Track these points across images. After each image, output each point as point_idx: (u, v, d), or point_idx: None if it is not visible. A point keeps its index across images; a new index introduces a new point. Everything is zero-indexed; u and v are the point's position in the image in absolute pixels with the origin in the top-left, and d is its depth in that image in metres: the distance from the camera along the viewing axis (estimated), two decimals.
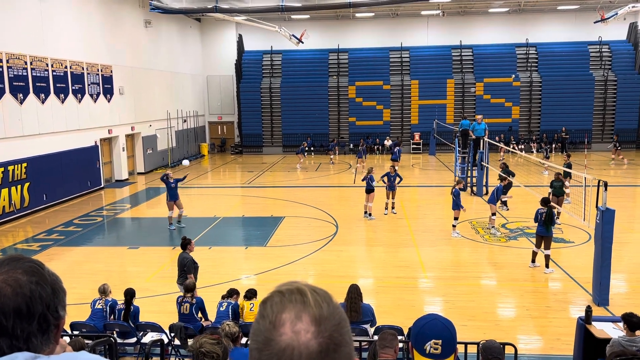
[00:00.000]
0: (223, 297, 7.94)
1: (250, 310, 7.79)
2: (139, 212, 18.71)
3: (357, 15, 33.59)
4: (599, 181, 9.16)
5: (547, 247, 10.97)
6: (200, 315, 7.82)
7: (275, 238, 14.19)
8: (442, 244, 13.44)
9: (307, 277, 11.50)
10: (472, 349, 6.60)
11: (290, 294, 0.95)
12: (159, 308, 9.53)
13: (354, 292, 7.11)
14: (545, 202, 11.25)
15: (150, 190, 22.39)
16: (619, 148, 27.24)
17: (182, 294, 8.14)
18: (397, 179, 16.22)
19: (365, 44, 34.58)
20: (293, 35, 27.69)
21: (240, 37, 34.92)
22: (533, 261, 11.37)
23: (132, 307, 7.69)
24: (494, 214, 14.15)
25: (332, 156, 29.47)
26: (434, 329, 2.06)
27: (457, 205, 13.80)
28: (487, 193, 18.75)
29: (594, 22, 29.12)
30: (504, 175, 16.02)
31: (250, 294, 7.93)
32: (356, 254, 13.03)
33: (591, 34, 32.45)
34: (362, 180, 16.28)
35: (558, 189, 15.06)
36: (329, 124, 33.93)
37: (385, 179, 16.17)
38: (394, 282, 10.87)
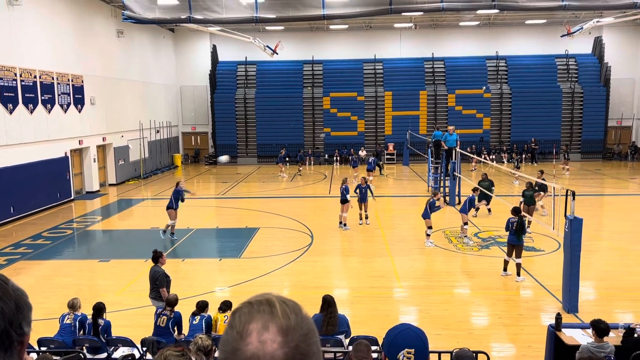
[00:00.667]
0: (194, 314, 7.73)
1: (225, 322, 7.70)
2: (110, 225, 18.37)
3: (331, 27, 33.90)
4: (567, 191, 9.39)
5: (518, 256, 11.17)
6: (175, 329, 7.70)
7: (250, 249, 14.10)
8: (416, 253, 13.55)
9: (282, 289, 11.45)
10: (446, 358, 6.65)
11: (258, 305, 0.96)
12: (131, 322, 9.35)
13: (333, 305, 7.05)
14: (516, 211, 11.47)
15: (122, 202, 22.03)
16: (568, 159, 28.25)
17: (154, 308, 8.00)
18: (369, 191, 16.32)
19: (339, 55, 34.89)
20: (267, 47, 27.75)
21: (214, 48, 34.84)
22: (505, 270, 11.55)
23: (102, 321, 7.52)
24: (465, 224, 14.35)
25: (300, 167, 29.43)
26: (407, 339, 2.08)
27: (427, 214, 13.97)
28: (459, 203, 19.01)
29: (561, 36, 29.98)
30: (483, 190, 16.31)
31: (225, 307, 7.83)
32: (331, 265, 13.03)
33: (558, 47, 33.43)
34: (355, 190, 16.30)
35: (529, 198, 15.37)
36: (303, 135, 34.01)
37: (357, 190, 16.26)
38: (369, 292, 10.90)
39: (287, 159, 29.38)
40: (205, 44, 34.89)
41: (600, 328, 6.14)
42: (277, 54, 28.40)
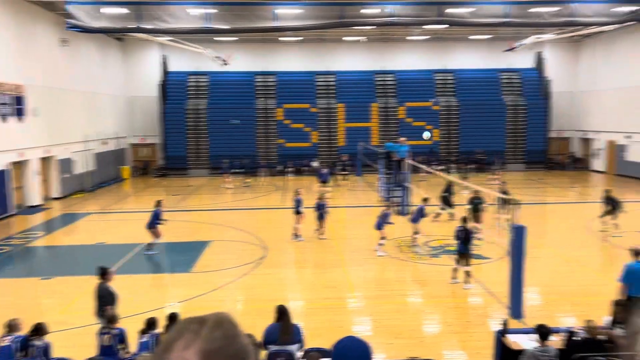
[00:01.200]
0: (143, 332, 7.47)
1: None
2: (53, 240, 17.60)
3: (284, 39, 34.03)
4: (510, 200, 9.73)
5: (467, 264, 11.46)
6: (122, 346, 7.42)
7: (201, 263, 13.83)
8: (370, 263, 13.67)
9: (235, 303, 11.28)
10: None
11: (189, 323, 0.96)
12: (76, 342, 8.97)
13: (287, 314, 7.08)
14: (463, 220, 11.78)
15: (67, 217, 21.18)
16: (499, 169, 29.60)
17: (101, 326, 7.69)
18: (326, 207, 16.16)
19: (292, 67, 35.03)
20: (219, 57, 27.55)
21: (164, 58, 34.24)
22: (454, 278, 11.82)
23: (41, 342, 7.16)
24: (417, 233, 14.61)
25: (247, 180, 29.24)
26: (353, 351, 2.08)
27: (379, 226, 14.18)
28: (409, 212, 19.35)
29: (504, 51, 31.24)
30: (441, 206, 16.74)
31: (171, 322, 7.55)
32: (285, 277, 12.95)
33: (502, 62, 34.80)
34: (317, 209, 16.04)
35: (476, 206, 15.86)
36: (256, 146, 33.84)
37: (316, 209, 15.99)
38: (323, 304, 10.90)
39: (236, 170, 29.12)
40: (155, 54, 34.26)
41: (542, 332, 6.37)
42: (229, 64, 28.25)
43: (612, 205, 16.49)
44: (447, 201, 17.89)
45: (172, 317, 7.58)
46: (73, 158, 26.21)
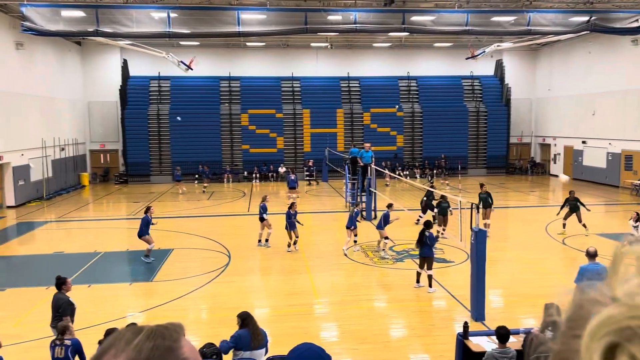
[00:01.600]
0: (100, 342, 7.25)
1: None
2: (7, 250, 16.92)
3: (248, 44, 33.86)
4: (472, 204, 9.90)
5: (430, 268, 11.58)
6: (77, 359, 7.16)
7: (163, 272, 13.54)
8: (335, 268, 13.66)
9: (199, 312, 11.08)
10: None
11: (125, 332, 0.94)
12: (29, 356, 8.63)
13: (252, 318, 7.08)
14: (427, 225, 11.91)
15: (22, 225, 20.42)
16: (447, 174, 31.06)
17: (53, 338, 7.41)
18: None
19: (257, 72, 34.87)
20: (182, 62, 27.18)
21: (125, 62, 33.55)
22: (418, 281, 11.92)
23: None
24: (386, 238, 14.70)
25: (205, 184, 28.94)
26: (308, 359, 2.04)
27: (351, 224, 14.85)
28: (375, 217, 19.48)
29: (466, 59, 31.94)
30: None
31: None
32: (250, 284, 12.80)
33: (464, 69, 35.55)
34: (290, 218, 15.55)
35: (444, 210, 16.09)
36: (221, 152, 33.48)
37: (287, 218, 15.36)
38: (288, 310, 10.81)
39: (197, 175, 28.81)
40: (115, 58, 33.54)
41: (500, 334, 6.47)
42: (192, 69, 27.91)
43: (575, 207, 17.00)
44: (430, 207, 18.19)
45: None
46: (29, 165, 25.33)
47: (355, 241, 15.28)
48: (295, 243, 15.44)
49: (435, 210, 17.13)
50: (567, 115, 32.88)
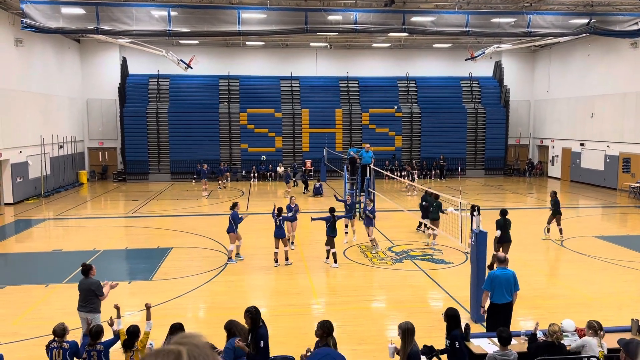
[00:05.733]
0: (125, 344, 7.14)
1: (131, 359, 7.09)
2: (5, 247, 16.87)
3: (248, 43, 33.84)
4: (472, 206, 9.91)
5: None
6: None
7: (162, 271, 13.52)
8: (334, 269, 13.66)
9: (197, 311, 11.07)
10: None
11: (165, 357, 0.88)
12: (29, 353, 8.61)
13: (237, 324, 6.99)
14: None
15: (20, 223, 20.37)
16: (413, 179, 30.76)
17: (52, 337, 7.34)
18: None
19: (256, 71, 34.86)
20: (181, 60, 27.13)
21: (124, 60, 33.49)
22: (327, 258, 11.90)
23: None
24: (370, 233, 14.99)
25: (220, 182, 29.00)
26: None
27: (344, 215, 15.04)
28: (374, 218, 19.46)
29: (465, 60, 31.97)
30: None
31: (129, 341, 7.13)
32: (248, 284, 12.80)
33: (463, 70, 35.63)
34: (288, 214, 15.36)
35: (434, 213, 15.91)
36: (219, 151, 33.47)
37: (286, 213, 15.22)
38: (287, 310, 10.81)
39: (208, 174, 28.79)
40: (115, 56, 33.49)
41: (502, 337, 6.49)
42: (192, 68, 27.86)
43: (555, 208, 16.74)
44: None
45: (133, 332, 7.22)
46: (27, 162, 25.27)
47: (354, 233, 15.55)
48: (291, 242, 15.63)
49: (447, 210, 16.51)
50: (566, 117, 32.97)
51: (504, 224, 13.17)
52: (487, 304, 8.59)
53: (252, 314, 6.69)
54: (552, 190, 17.67)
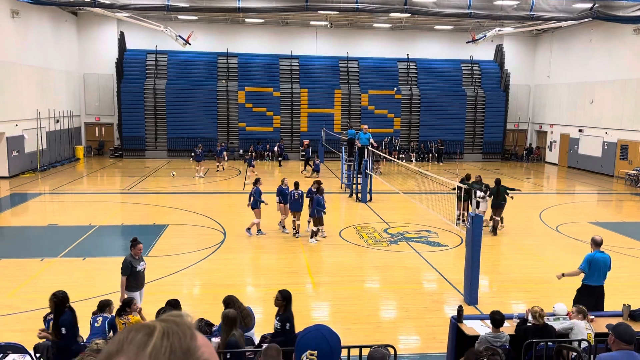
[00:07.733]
0: (94, 313, 7.33)
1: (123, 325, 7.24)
2: (0, 221, 16.86)
3: (247, 20, 33.43)
4: (487, 188, 9.88)
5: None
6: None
7: (158, 247, 13.54)
8: (330, 249, 13.72)
9: (192, 288, 11.12)
10: (354, 352, 6.76)
11: (137, 332, 0.84)
12: (24, 326, 8.64)
13: (237, 300, 7.13)
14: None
15: (16, 196, 20.33)
16: (377, 160, 30.09)
17: (49, 310, 7.37)
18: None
19: (255, 49, 34.48)
20: (180, 36, 26.83)
21: (122, 35, 33.07)
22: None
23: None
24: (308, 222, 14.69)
25: (218, 163, 28.80)
26: (314, 340, 2.04)
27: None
28: (370, 200, 19.52)
29: (466, 42, 31.71)
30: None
31: (122, 310, 7.30)
32: (244, 262, 12.85)
33: (464, 53, 35.33)
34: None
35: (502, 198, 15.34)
36: (217, 129, 33.30)
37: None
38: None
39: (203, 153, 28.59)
40: (112, 30, 33.06)
41: (496, 319, 6.53)
42: (190, 44, 27.57)
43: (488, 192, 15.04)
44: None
45: (126, 302, 7.39)
46: (23, 135, 25.11)
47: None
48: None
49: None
50: (565, 102, 32.85)
51: (497, 192, 14.95)
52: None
53: (58, 298, 6.69)
54: (477, 175, 15.97)
